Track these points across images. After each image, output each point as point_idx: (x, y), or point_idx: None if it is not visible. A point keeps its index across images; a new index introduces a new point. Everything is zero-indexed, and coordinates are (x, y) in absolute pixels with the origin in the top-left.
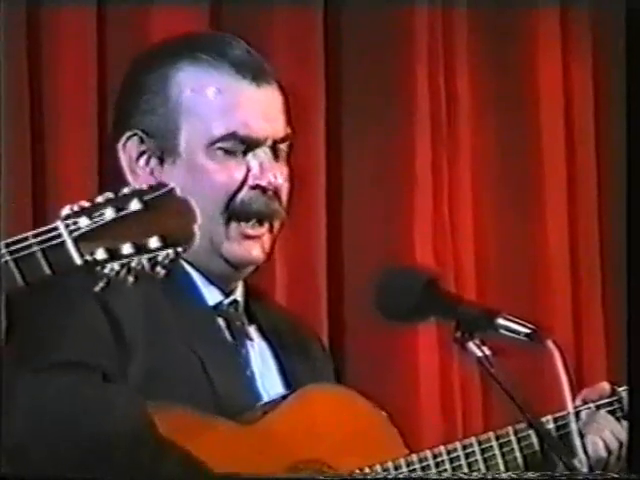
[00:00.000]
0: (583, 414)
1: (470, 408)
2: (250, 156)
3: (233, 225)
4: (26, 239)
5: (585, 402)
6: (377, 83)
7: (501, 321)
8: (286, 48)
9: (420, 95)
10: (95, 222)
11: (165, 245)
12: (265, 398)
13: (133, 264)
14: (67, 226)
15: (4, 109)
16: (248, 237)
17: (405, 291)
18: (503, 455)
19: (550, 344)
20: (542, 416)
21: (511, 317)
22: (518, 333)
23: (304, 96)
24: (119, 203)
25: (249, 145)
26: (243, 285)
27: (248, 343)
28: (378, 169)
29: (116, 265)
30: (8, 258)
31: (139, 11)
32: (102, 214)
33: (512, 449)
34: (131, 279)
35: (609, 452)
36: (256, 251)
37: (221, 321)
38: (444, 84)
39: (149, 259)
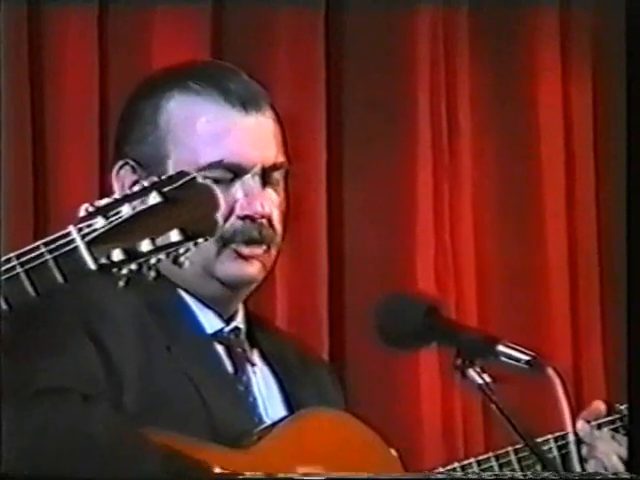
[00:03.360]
0: (586, 437)
1: (471, 433)
2: (237, 185)
3: (226, 248)
4: (37, 248)
5: (588, 422)
6: (378, 110)
7: (501, 348)
8: (286, 77)
9: (422, 122)
10: (111, 222)
11: (186, 237)
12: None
13: (152, 261)
14: (80, 230)
15: (5, 109)
16: (242, 256)
17: (406, 318)
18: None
19: (550, 371)
20: (543, 443)
21: (511, 344)
22: (518, 360)
23: (304, 122)
24: (137, 198)
25: (237, 173)
26: (244, 312)
27: (250, 370)
28: (379, 195)
29: (133, 265)
30: (20, 270)
31: (141, 11)
32: (119, 212)
33: (513, 469)
34: (153, 274)
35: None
36: (251, 269)
37: (221, 348)
38: (445, 111)
39: (169, 254)
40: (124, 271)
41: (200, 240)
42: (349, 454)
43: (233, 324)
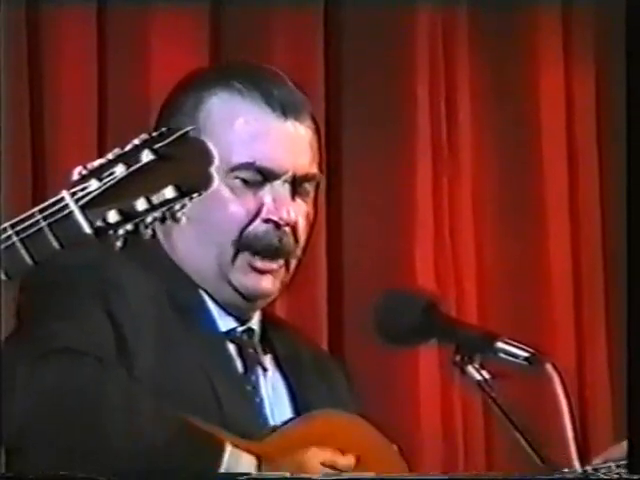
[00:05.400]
0: (601, 473)
1: (471, 430)
2: (267, 188)
3: (242, 256)
4: (32, 216)
5: (607, 461)
6: (377, 104)
7: (500, 345)
8: (285, 60)
9: (421, 116)
10: (105, 183)
11: (181, 193)
12: None
13: (149, 220)
14: (74, 194)
15: (4, 109)
16: (256, 269)
17: (404, 315)
18: None
19: (549, 368)
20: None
21: (510, 341)
22: (517, 357)
23: None
24: (130, 157)
25: (267, 177)
26: (261, 315)
27: (260, 371)
28: (378, 189)
29: (130, 225)
30: (15, 239)
31: (139, 10)
32: (112, 173)
33: None
34: (149, 232)
35: None
36: (266, 283)
37: (233, 347)
38: (445, 105)
39: (164, 212)
40: (120, 232)
41: (195, 195)
42: (355, 455)
43: (247, 325)
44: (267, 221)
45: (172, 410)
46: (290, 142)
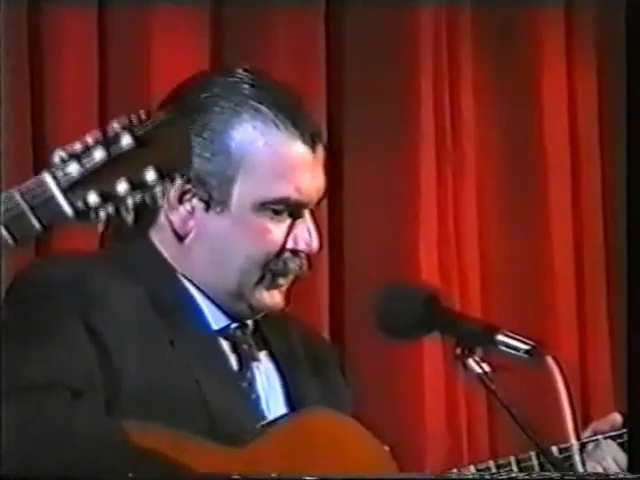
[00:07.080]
0: (590, 445)
1: (475, 422)
2: (295, 219)
3: (266, 278)
4: (13, 198)
5: (595, 433)
6: (381, 96)
7: (501, 337)
8: (287, 56)
9: (424, 108)
10: (85, 167)
11: (161, 176)
12: None
13: (130, 202)
14: (55, 177)
15: (4, 109)
16: (276, 286)
17: (405, 308)
18: None
19: (549, 360)
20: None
21: (511, 333)
22: (518, 349)
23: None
24: (110, 142)
25: (296, 208)
26: None
27: (254, 366)
28: (382, 182)
29: (110, 207)
30: None
31: (139, 10)
32: (92, 157)
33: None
34: (131, 217)
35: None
36: (279, 298)
37: (226, 344)
38: (448, 96)
39: (145, 195)
40: (102, 214)
41: (175, 176)
42: (342, 455)
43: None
44: (293, 251)
45: (145, 448)
46: (316, 171)
